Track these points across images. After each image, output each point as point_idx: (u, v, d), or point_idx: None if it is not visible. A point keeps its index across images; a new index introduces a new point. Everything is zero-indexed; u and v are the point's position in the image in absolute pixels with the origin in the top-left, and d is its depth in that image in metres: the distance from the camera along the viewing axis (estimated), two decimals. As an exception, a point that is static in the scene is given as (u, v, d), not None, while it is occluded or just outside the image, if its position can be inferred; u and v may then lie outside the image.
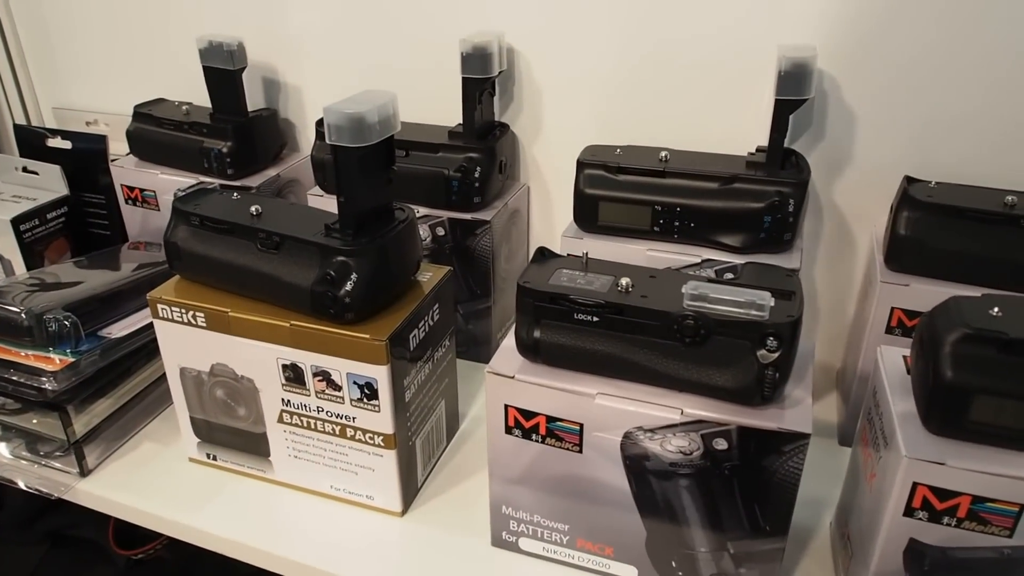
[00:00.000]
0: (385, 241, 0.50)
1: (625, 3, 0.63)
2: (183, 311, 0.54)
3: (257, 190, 0.74)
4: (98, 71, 0.87)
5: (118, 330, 0.61)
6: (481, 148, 0.67)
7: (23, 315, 0.57)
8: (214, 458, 0.60)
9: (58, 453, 0.60)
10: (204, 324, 0.53)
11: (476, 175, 0.67)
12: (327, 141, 0.47)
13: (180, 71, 0.82)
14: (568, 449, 0.45)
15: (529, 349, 0.45)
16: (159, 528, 0.58)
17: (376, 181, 0.50)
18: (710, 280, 0.43)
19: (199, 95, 0.77)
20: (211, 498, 0.58)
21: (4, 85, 0.90)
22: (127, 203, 0.80)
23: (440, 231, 0.68)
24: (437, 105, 0.71)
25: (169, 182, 0.77)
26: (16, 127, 0.86)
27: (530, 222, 0.76)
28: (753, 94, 0.62)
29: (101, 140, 0.82)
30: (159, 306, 0.54)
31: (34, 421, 0.59)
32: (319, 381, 0.52)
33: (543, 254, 0.48)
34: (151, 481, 0.59)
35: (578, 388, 0.44)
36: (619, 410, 0.43)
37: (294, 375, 0.52)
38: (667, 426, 0.42)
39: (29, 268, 0.78)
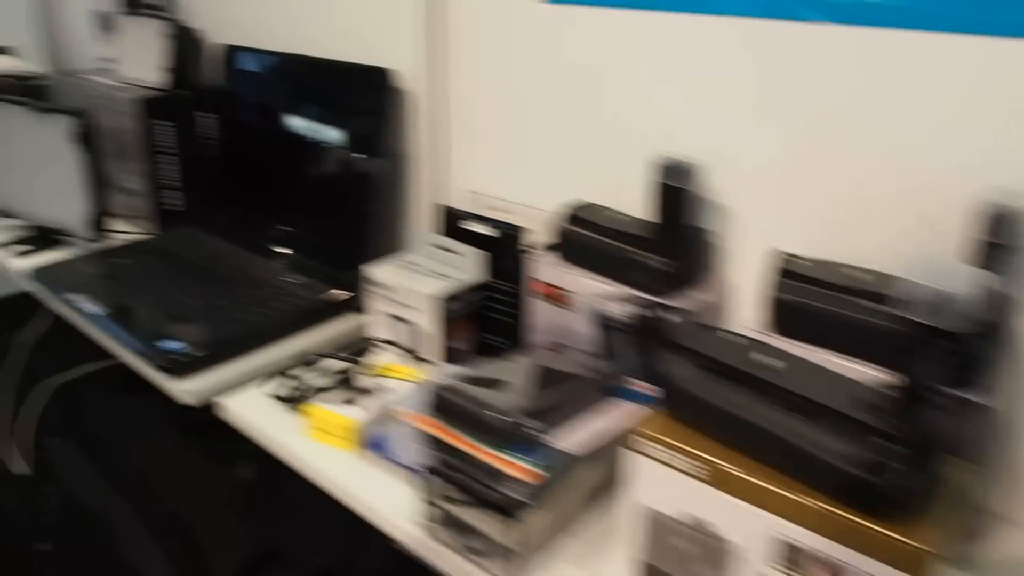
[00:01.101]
0: (940, 430, 0.44)
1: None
2: (670, 453, 0.50)
3: (682, 313, 0.71)
4: (516, 161, 0.90)
5: (566, 441, 0.60)
6: None
7: (499, 416, 0.57)
8: (653, 608, 0.56)
9: (489, 554, 0.58)
10: (694, 473, 0.50)
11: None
12: (915, 318, 0.42)
13: (604, 176, 0.82)
14: None
15: None
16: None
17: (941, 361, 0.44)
18: None
19: (619, 201, 0.76)
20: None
21: (428, 162, 0.95)
22: (537, 297, 0.80)
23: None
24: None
25: (591, 287, 0.76)
26: (438, 206, 0.91)
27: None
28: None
29: (516, 230, 0.84)
30: (642, 441, 0.52)
31: (478, 518, 0.58)
32: (823, 572, 0.46)
33: None
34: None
35: None
36: None
37: (791, 555, 0.47)
38: None
39: (442, 345, 0.81)
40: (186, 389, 0.81)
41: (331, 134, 0.98)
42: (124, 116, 1.11)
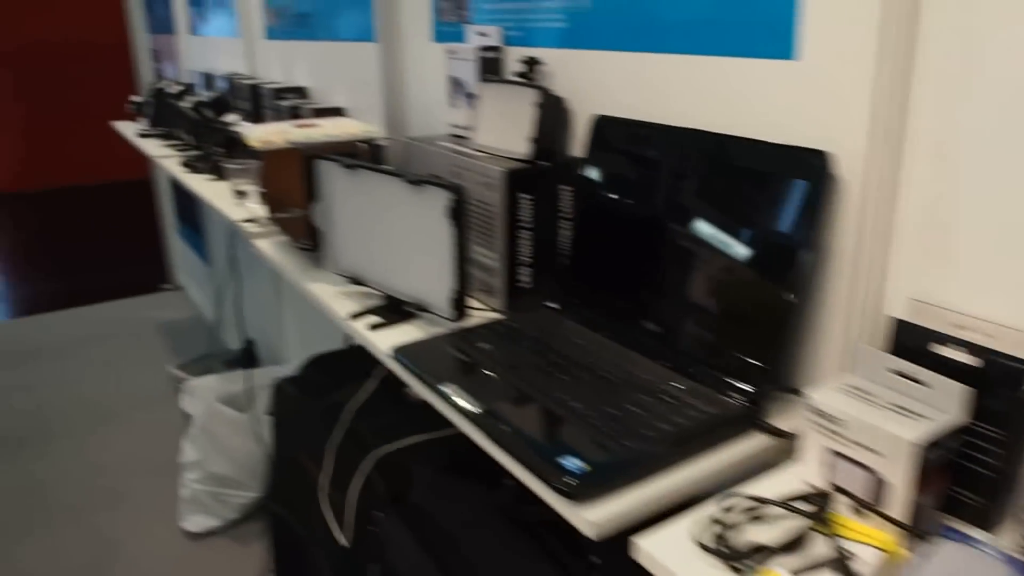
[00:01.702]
0: None
1: None
2: None
3: None
4: (1004, 272, 0.71)
5: None
6: None
7: None
8: None
9: None
10: None
11: None
12: None
13: None
14: None
15: None
16: None
17: None
18: None
19: None
20: None
21: (863, 264, 0.79)
22: (1053, 455, 0.61)
23: None
24: None
25: None
26: (891, 320, 0.74)
27: None
28: None
29: (1016, 362, 0.66)
30: None
31: None
32: None
33: None
34: None
35: None
36: None
37: None
38: None
39: (909, 500, 0.64)
40: (588, 519, 0.69)
41: (729, 219, 0.85)
42: (487, 188, 1.05)
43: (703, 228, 0.88)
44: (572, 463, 0.72)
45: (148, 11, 3.82)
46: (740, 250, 0.84)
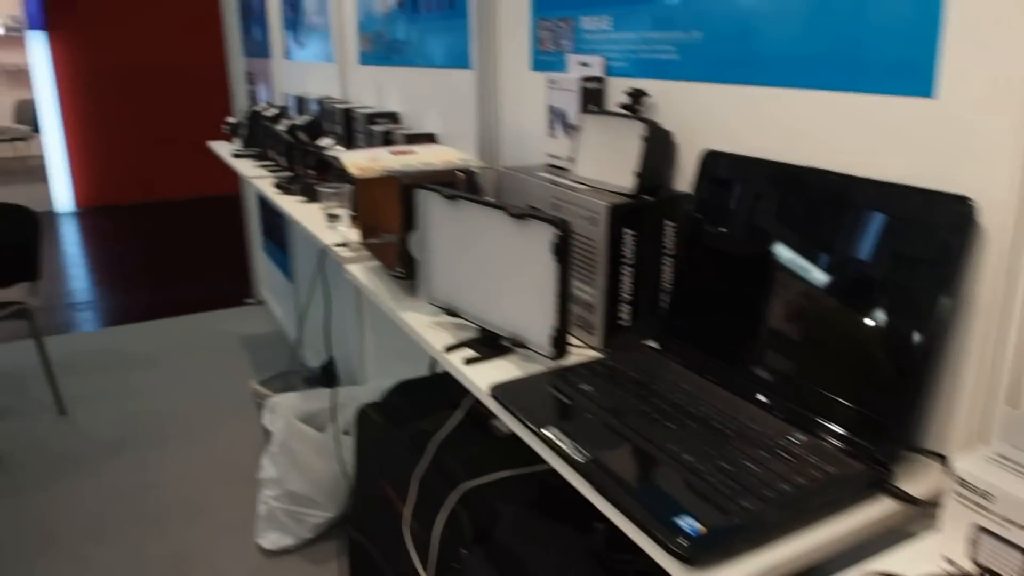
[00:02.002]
0: None
1: None
2: None
3: None
4: None
5: None
6: None
7: None
8: None
9: None
10: None
11: None
12: None
13: None
14: None
15: None
16: None
17: None
18: None
19: None
20: None
21: (1007, 322, 0.73)
22: None
23: None
24: None
25: None
26: (1046, 383, 0.68)
27: None
28: None
29: None
30: None
31: None
32: None
33: None
34: None
35: None
36: None
37: None
38: None
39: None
40: (706, 587, 0.65)
41: (852, 264, 0.80)
42: (590, 222, 1.02)
43: (822, 272, 0.83)
44: (688, 524, 0.68)
45: (245, 35, 3.93)
46: (866, 298, 0.79)
